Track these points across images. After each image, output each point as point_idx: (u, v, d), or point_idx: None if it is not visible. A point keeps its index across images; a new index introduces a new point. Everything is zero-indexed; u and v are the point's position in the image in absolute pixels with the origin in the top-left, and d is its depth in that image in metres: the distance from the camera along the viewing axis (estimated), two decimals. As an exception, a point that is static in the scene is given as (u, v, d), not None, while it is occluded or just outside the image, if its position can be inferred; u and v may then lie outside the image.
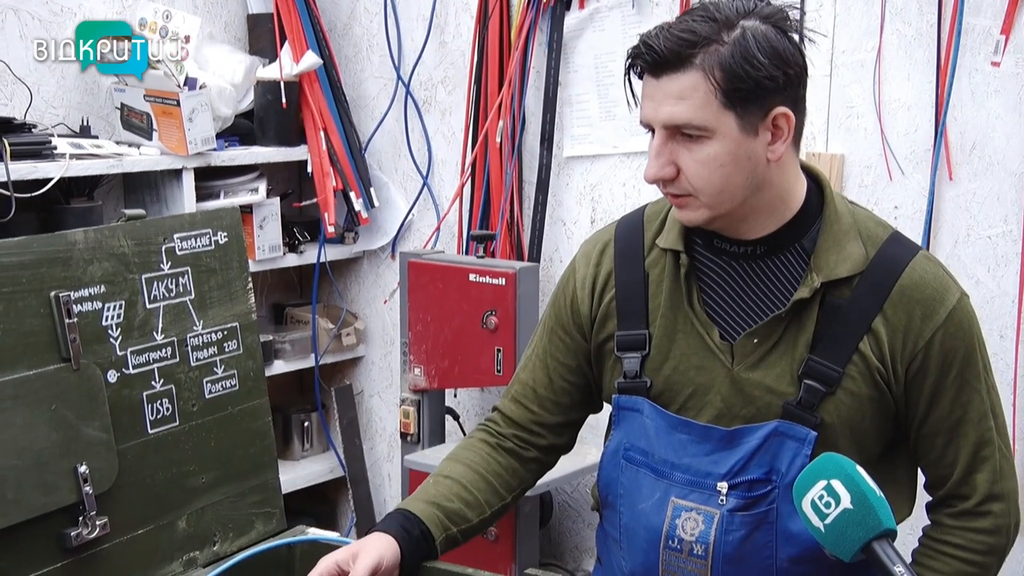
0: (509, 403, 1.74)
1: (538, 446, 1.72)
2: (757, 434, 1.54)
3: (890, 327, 1.53)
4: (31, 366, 1.46)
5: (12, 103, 2.90)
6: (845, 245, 1.55)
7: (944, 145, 2.61)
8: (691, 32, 1.45)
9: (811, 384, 1.52)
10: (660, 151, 1.50)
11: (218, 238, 1.71)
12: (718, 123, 1.46)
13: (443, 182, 3.43)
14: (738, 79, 1.44)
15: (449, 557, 1.59)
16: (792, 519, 1.53)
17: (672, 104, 1.47)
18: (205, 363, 1.68)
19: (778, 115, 1.49)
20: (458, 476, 1.65)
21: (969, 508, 1.57)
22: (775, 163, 1.51)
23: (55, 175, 2.68)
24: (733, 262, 1.58)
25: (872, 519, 1.23)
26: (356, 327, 3.63)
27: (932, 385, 1.54)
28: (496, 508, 1.67)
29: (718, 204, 1.51)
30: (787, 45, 1.48)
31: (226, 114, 3.18)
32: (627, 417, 1.63)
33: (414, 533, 1.54)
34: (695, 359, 1.58)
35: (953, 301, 1.55)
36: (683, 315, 1.59)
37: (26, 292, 1.46)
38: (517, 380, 1.75)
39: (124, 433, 1.57)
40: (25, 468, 1.45)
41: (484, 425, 1.75)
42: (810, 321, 1.54)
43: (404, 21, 3.40)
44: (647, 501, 1.61)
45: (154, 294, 1.62)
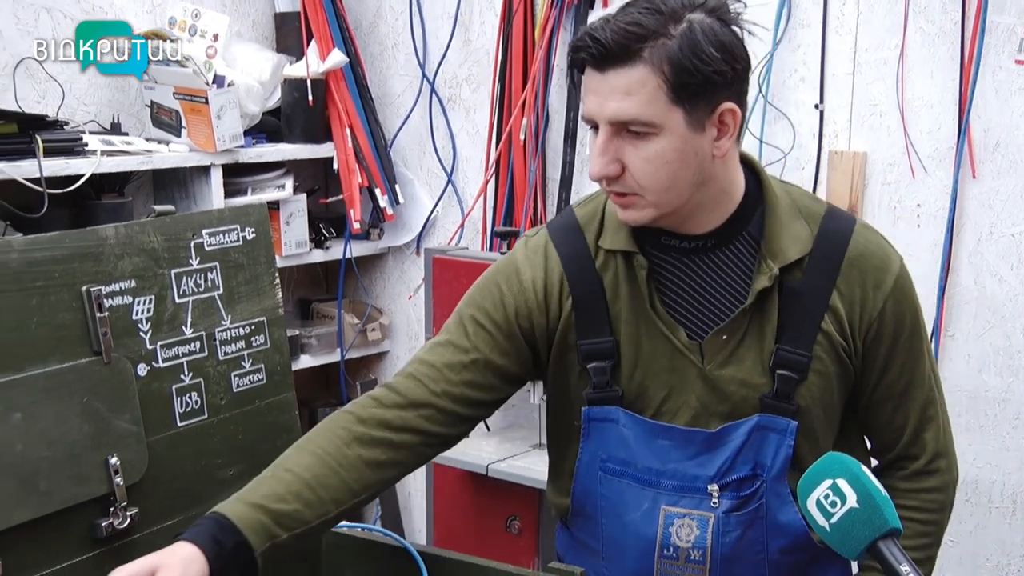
0: (403, 379, 1.55)
1: (422, 432, 1.52)
2: (739, 431, 1.53)
3: (846, 301, 1.53)
4: (63, 359, 1.48)
5: (45, 100, 2.92)
6: (791, 226, 1.53)
7: (967, 143, 2.59)
8: (638, 24, 1.40)
9: (784, 374, 1.52)
10: (605, 148, 1.45)
11: (246, 234, 1.72)
12: (666, 119, 1.42)
13: (467, 179, 3.43)
14: (687, 74, 1.40)
15: (469, 549, 1.59)
16: (780, 511, 1.53)
17: (618, 99, 1.41)
18: (233, 357, 1.69)
19: (725, 111, 1.45)
20: (302, 470, 1.44)
21: (920, 468, 1.60)
22: (720, 159, 1.48)
23: (86, 171, 2.70)
24: (684, 258, 1.54)
25: (878, 518, 1.21)
26: (381, 322, 3.64)
27: (886, 351, 1.55)
28: (347, 507, 1.47)
29: (664, 203, 1.47)
30: (733, 39, 1.44)
31: (254, 111, 3.19)
32: (600, 428, 1.57)
33: (227, 545, 1.33)
34: (664, 361, 1.54)
35: (897, 267, 1.56)
36: (646, 318, 1.54)
37: (58, 286, 1.48)
38: (420, 361, 1.56)
39: (154, 426, 1.58)
40: (57, 459, 1.46)
41: (356, 404, 1.53)
42: (772, 309, 1.52)
43: (429, 19, 3.40)
44: (634, 512, 1.57)
45: (183, 289, 1.63)
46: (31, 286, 1.45)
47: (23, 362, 1.43)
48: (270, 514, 1.38)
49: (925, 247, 2.67)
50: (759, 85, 2.81)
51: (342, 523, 1.67)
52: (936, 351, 2.67)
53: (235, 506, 1.38)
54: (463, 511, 3.06)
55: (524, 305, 1.57)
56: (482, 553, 1.57)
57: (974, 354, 2.67)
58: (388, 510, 3.62)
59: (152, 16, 3.15)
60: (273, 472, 1.45)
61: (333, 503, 1.44)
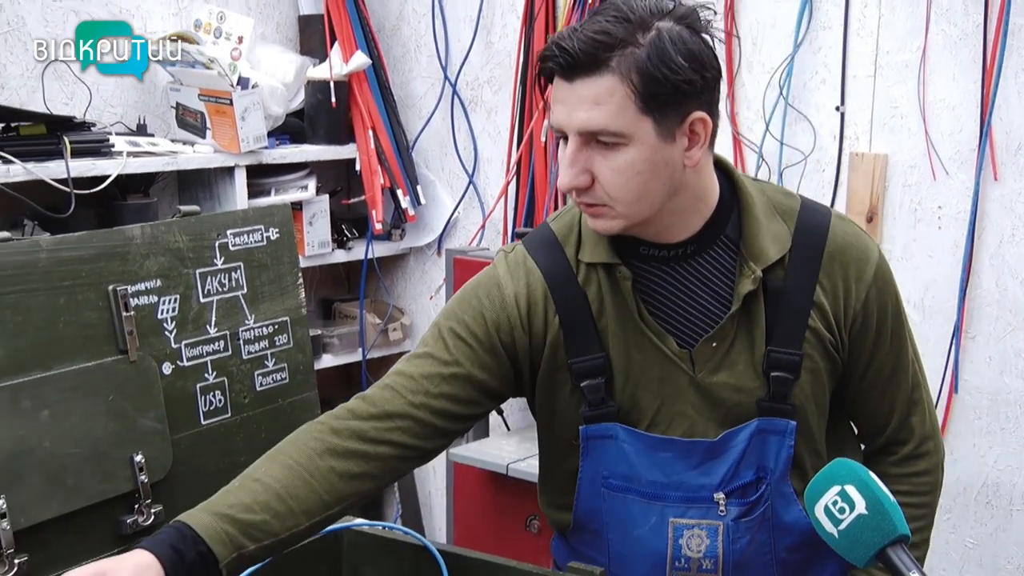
0: (380, 390, 1.51)
1: (399, 445, 1.47)
2: (740, 437, 1.52)
3: (829, 296, 1.52)
4: (90, 357, 1.49)
5: (73, 102, 2.95)
6: (769, 226, 1.52)
7: (989, 145, 2.57)
8: (605, 33, 1.37)
9: (778, 375, 1.51)
10: (574, 159, 1.42)
11: (269, 234, 1.73)
12: (635, 129, 1.39)
13: (488, 180, 3.43)
14: (656, 83, 1.37)
15: (489, 548, 1.59)
16: (785, 511, 1.53)
17: (587, 110, 1.38)
18: (256, 356, 1.70)
19: (695, 120, 1.42)
20: (272, 480, 1.38)
21: (909, 452, 1.61)
22: (691, 168, 1.45)
23: (113, 172, 2.72)
24: (664, 267, 1.52)
25: (887, 524, 1.19)
26: (402, 322, 3.65)
27: (872, 341, 1.55)
28: (318, 519, 1.41)
29: (635, 213, 1.44)
30: (702, 47, 1.41)
31: (277, 113, 3.20)
32: (599, 445, 1.55)
33: (188, 556, 1.28)
34: (656, 372, 1.52)
35: (876, 257, 1.55)
36: (634, 329, 1.51)
37: (85, 286, 1.49)
38: (398, 373, 1.52)
39: (178, 424, 1.59)
40: (84, 456, 1.48)
41: (331, 415, 1.49)
42: (759, 311, 1.51)
43: (451, 22, 3.41)
44: (642, 527, 1.55)
45: (208, 288, 1.64)
46: (59, 285, 1.46)
47: (51, 360, 1.45)
48: (236, 524, 1.33)
49: (946, 249, 2.66)
50: (780, 87, 2.80)
51: (362, 521, 1.68)
52: (957, 353, 2.66)
53: (199, 515, 1.32)
54: (483, 510, 3.06)
55: (506, 320, 1.53)
56: (501, 552, 1.57)
57: (995, 356, 2.65)
58: (408, 509, 3.63)
59: (178, 19, 3.17)
60: (241, 482, 1.39)
61: (304, 515, 1.39)
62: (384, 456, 1.47)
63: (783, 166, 2.84)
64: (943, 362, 2.66)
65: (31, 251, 1.44)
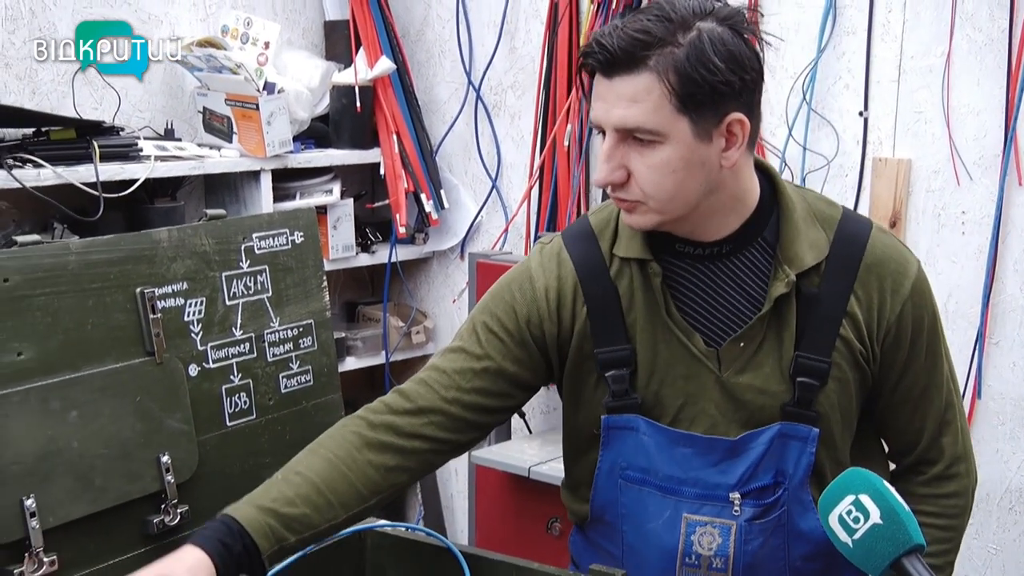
0: (415, 385, 1.54)
1: (432, 438, 1.51)
2: (761, 440, 1.51)
3: (863, 307, 1.50)
4: (118, 359, 1.50)
5: (102, 107, 2.97)
6: (807, 232, 1.50)
7: (1014, 150, 2.55)
8: (645, 32, 1.37)
9: (804, 381, 1.49)
10: (611, 155, 1.43)
11: (295, 238, 1.74)
12: (671, 128, 1.39)
13: (511, 185, 3.44)
14: (693, 83, 1.37)
15: (510, 550, 1.58)
16: (802, 518, 1.52)
17: (624, 107, 1.39)
18: (281, 359, 1.71)
19: (733, 121, 1.41)
20: (312, 473, 1.43)
21: (939, 472, 1.58)
22: (728, 168, 1.45)
23: (141, 176, 2.74)
24: (699, 264, 1.52)
25: (902, 534, 1.18)
26: (425, 325, 3.66)
27: (905, 355, 1.53)
28: (355, 511, 1.46)
29: (669, 210, 1.45)
30: (743, 49, 1.40)
31: (303, 117, 3.22)
32: (619, 436, 1.55)
33: (235, 549, 1.33)
34: (681, 368, 1.52)
35: (915, 271, 1.54)
36: (662, 325, 1.52)
37: (114, 288, 1.50)
38: (433, 368, 1.55)
39: (204, 425, 1.60)
40: (111, 457, 1.49)
41: (367, 409, 1.53)
42: (790, 315, 1.50)
43: (475, 27, 3.41)
44: (656, 520, 1.55)
45: (233, 291, 1.65)
46: (88, 287, 1.47)
47: (80, 362, 1.46)
48: (279, 518, 1.38)
49: (970, 255, 2.64)
50: (803, 92, 2.79)
51: (386, 523, 1.68)
52: (980, 358, 2.64)
53: (245, 509, 1.37)
54: (505, 512, 3.07)
55: (536, 313, 1.55)
56: (523, 554, 1.57)
57: (1019, 362, 2.63)
58: (431, 511, 3.64)
59: (206, 24, 3.19)
60: (283, 475, 1.44)
61: (342, 507, 1.44)
62: (418, 450, 1.50)
63: (806, 171, 2.83)
64: (967, 368, 2.64)
65: (61, 254, 1.45)
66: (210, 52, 2.97)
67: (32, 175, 2.57)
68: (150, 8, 3.07)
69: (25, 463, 1.39)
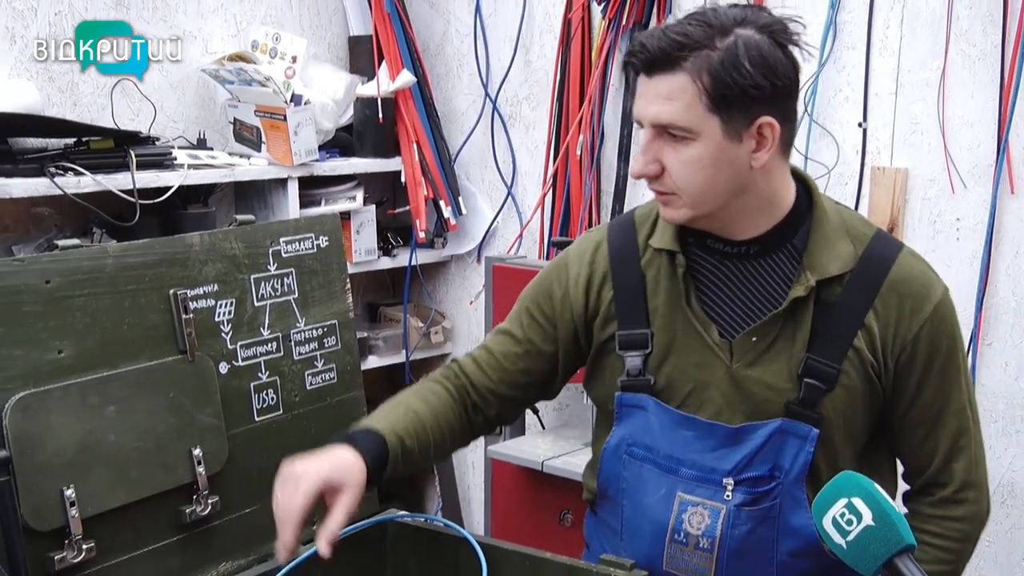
0: (469, 361, 1.66)
1: (482, 412, 1.64)
2: (761, 432, 1.50)
3: (881, 322, 1.49)
4: (152, 357, 1.51)
5: (139, 118, 2.98)
6: (835, 244, 1.50)
7: (1006, 160, 2.54)
8: (685, 35, 1.40)
9: (811, 383, 1.48)
10: (647, 148, 1.46)
11: (320, 242, 1.74)
12: (702, 126, 1.41)
13: (526, 192, 3.44)
14: (724, 85, 1.39)
15: (524, 540, 1.59)
16: (794, 514, 1.50)
17: (660, 104, 1.42)
18: (307, 357, 1.71)
19: (763, 124, 1.43)
20: (425, 419, 1.55)
21: (947, 496, 1.55)
22: (759, 169, 1.46)
23: (175, 183, 2.75)
24: (727, 261, 1.53)
25: (894, 535, 1.17)
26: (444, 326, 3.66)
27: (918, 376, 1.51)
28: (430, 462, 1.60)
29: (699, 204, 1.46)
30: (779, 56, 1.42)
31: (328, 128, 3.22)
32: (630, 414, 1.57)
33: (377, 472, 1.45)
34: (695, 356, 1.53)
35: (938, 296, 1.51)
36: (681, 314, 1.54)
37: (148, 290, 1.51)
38: (484, 348, 1.66)
39: (233, 420, 1.60)
40: (146, 449, 1.49)
41: (442, 376, 1.65)
42: (806, 319, 1.49)
43: (492, 42, 3.42)
44: (652, 496, 1.56)
45: (262, 293, 1.65)
46: (124, 289, 1.48)
47: (117, 359, 1.47)
48: (403, 449, 1.49)
49: (964, 260, 2.63)
50: (805, 104, 2.78)
51: (405, 514, 1.69)
52: (974, 359, 2.62)
53: (390, 435, 1.48)
54: (519, 504, 3.06)
55: (568, 297, 1.61)
56: (536, 544, 1.57)
57: (1011, 362, 2.62)
58: (449, 502, 3.64)
59: (236, 40, 3.20)
60: (405, 410, 1.55)
61: (431, 457, 1.57)
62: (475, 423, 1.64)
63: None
64: (961, 367, 2.62)
65: (99, 257, 1.46)
66: (240, 66, 2.98)
67: (73, 183, 2.58)
68: (185, 24, 3.08)
69: (65, 455, 1.40)
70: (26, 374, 1.37)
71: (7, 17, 2.75)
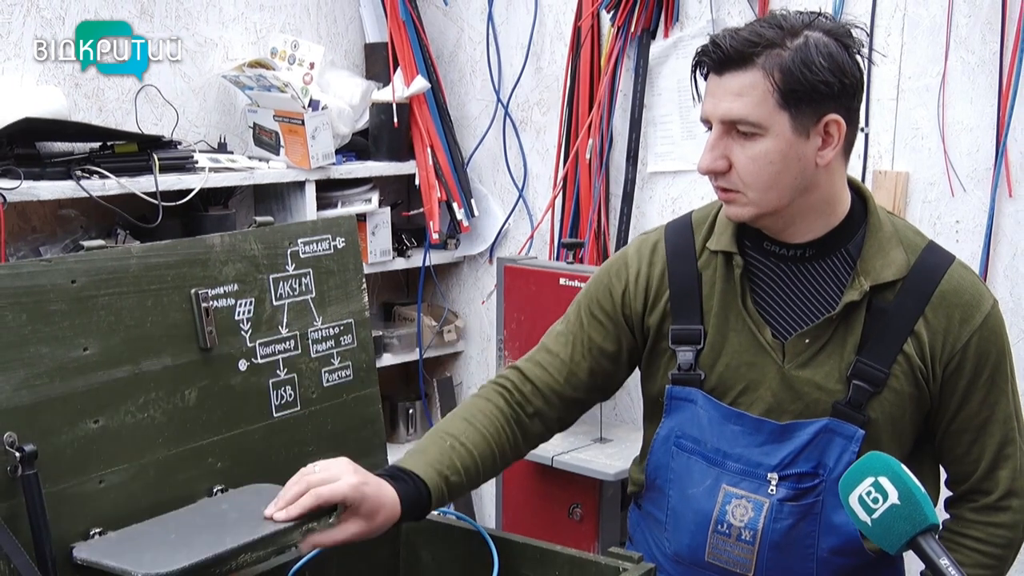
0: (532, 366, 1.62)
1: (545, 417, 1.60)
2: (807, 430, 1.50)
3: (931, 329, 1.48)
4: (174, 354, 1.51)
5: (162, 123, 2.99)
6: (889, 251, 1.49)
7: (1004, 164, 2.53)
8: (757, 35, 1.41)
9: (859, 384, 1.48)
10: (715, 145, 1.45)
11: (336, 243, 1.74)
12: (772, 122, 1.41)
13: (537, 194, 3.43)
14: (795, 81, 1.39)
15: (535, 533, 1.58)
16: (836, 512, 1.49)
17: (731, 100, 1.42)
18: (324, 355, 1.71)
19: (830, 121, 1.43)
20: (474, 447, 1.50)
21: (990, 503, 1.53)
22: (823, 168, 1.45)
23: (196, 186, 2.76)
24: (783, 264, 1.52)
25: (919, 514, 1.18)
26: (457, 325, 3.66)
27: (965, 385, 1.50)
28: (482, 483, 1.54)
29: (765, 201, 1.45)
30: (846, 58, 1.42)
31: (344, 132, 3.23)
32: (679, 407, 1.58)
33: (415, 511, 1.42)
34: (747, 356, 1.53)
35: (988, 307, 1.50)
36: (736, 314, 1.53)
37: (171, 289, 1.51)
38: (544, 349, 1.64)
39: (252, 416, 1.60)
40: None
41: (500, 385, 1.60)
42: (858, 323, 1.49)
43: (504, 49, 3.41)
44: (698, 487, 1.56)
45: (280, 292, 1.65)
46: (147, 288, 1.48)
47: (140, 356, 1.47)
48: (448, 485, 1.45)
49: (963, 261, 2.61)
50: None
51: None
52: (973, 359, 2.61)
53: (433, 477, 1.43)
54: (530, 499, 3.06)
55: (627, 293, 1.60)
56: (546, 537, 1.56)
57: (1010, 362, 2.60)
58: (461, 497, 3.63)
59: (256, 47, 3.20)
60: (451, 443, 1.49)
61: (483, 478, 1.53)
62: (536, 433, 1.61)
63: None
64: (960, 366, 2.61)
65: (123, 257, 1.46)
66: (260, 72, 2.98)
67: (98, 185, 2.59)
68: (206, 32, 3.09)
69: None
70: (52, 371, 1.37)
71: (36, 25, 2.76)
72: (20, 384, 1.33)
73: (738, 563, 1.54)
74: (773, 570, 1.53)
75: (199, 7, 3.06)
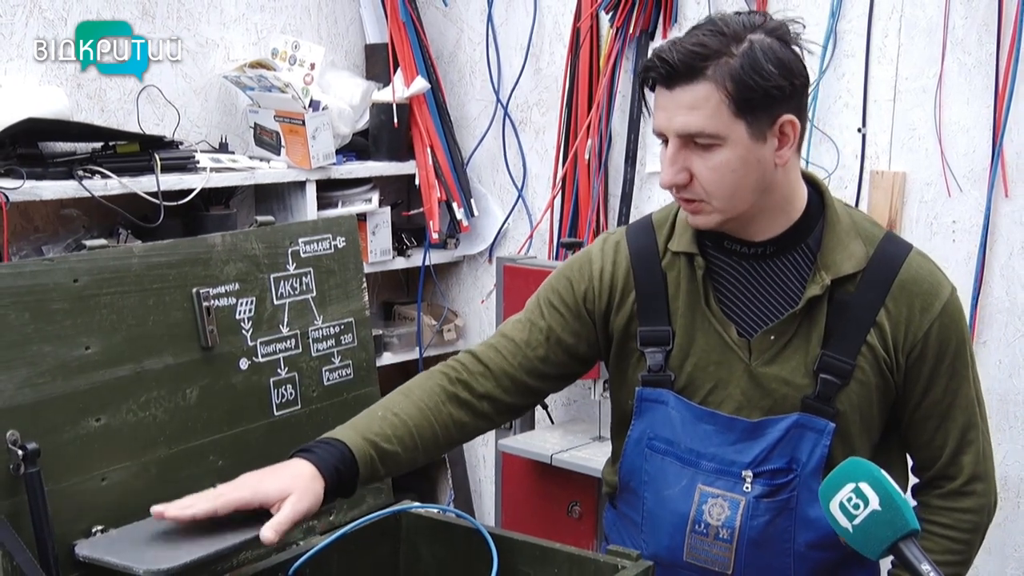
0: (486, 348, 1.60)
1: (495, 400, 1.57)
2: (779, 426, 1.50)
3: (892, 320, 1.49)
4: (175, 353, 1.51)
5: (163, 123, 2.99)
6: (848, 244, 1.50)
7: (1000, 164, 2.53)
8: (702, 46, 1.39)
9: (827, 378, 1.48)
10: (674, 159, 1.44)
11: (337, 243, 1.74)
12: (729, 131, 1.41)
13: (536, 194, 3.43)
14: (748, 89, 1.39)
15: (534, 531, 1.58)
16: (811, 506, 1.50)
17: (685, 114, 1.41)
18: (324, 354, 1.71)
19: (784, 122, 1.43)
20: (407, 417, 1.49)
21: (956, 488, 1.54)
22: (781, 167, 1.46)
23: (197, 186, 2.75)
24: (744, 262, 1.53)
25: (899, 520, 1.17)
26: (456, 324, 3.66)
27: (928, 372, 1.51)
28: (426, 458, 1.51)
29: (730, 208, 1.46)
30: (791, 56, 1.43)
31: (345, 132, 3.23)
32: (650, 408, 1.57)
33: (345, 476, 1.39)
34: (715, 355, 1.53)
35: (947, 295, 1.51)
36: (701, 314, 1.54)
37: (172, 288, 1.51)
38: (500, 335, 1.62)
39: (253, 414, 1.60)
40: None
41: (448, 365, 1.59)
42: (821, 317, 1.49)
43: (504, 50, 3.41)
44: (673, 487, 1.56)
45: (281, 292, 1.65)
46: (149, 287, 1.48)
47: (141, 355, 1.47)
48: (378, 452, 1.43)
49: (960, 261, 2.62)
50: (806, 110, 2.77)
51: (419, 505, 1.68)
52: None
53: (355, 438, 1.42)
54: (529, 496, 3.06)
55: (591, 290, 1.60)
56: (545, 535, 1.57)
57: (1005, 360, 2.60)
58: (461, 494, 3.64)
59: (257, 48, 3.20)
60: (383, 413, 1.48)
61: (423, 453, 1.50)
62: (486, 411, 1.57)
63: (808, 183, 2.81)
64: (956, 365, 2.61)
65: (125, 257, 1.46)
66: (261, 73, 2.98)
67: (100, 185, 2.59)
68: (208, 33, 3.09)
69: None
70: (54, 369, 1.37)
71: (38, 26, 2.76)
72: (23, 382, 1.33)
73: (717, 562, 1.54)
74: (751, 567, 1.53)
75: (200, 8, 3.06)
